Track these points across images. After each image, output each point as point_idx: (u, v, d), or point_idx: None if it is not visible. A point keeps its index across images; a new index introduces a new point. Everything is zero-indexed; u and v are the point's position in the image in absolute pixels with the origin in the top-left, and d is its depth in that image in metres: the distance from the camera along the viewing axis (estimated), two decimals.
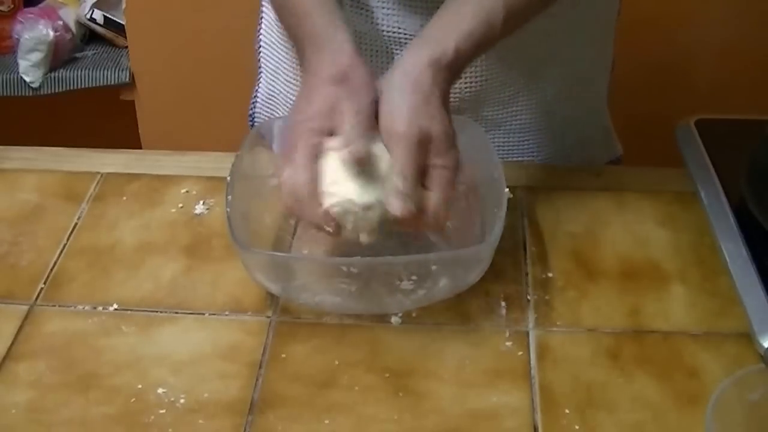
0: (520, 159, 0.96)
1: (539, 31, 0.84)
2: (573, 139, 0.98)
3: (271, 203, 0.82)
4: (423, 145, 0.69)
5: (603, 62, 1.00)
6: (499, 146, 0.94)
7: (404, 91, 0.70)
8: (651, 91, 1.73)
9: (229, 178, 0.77)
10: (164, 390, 0.70)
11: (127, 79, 1.85)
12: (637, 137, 1.19)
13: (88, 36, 1.93)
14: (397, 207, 0.68)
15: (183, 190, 0.91)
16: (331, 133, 0.70)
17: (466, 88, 0.89)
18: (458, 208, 0.83)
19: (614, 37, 0.99)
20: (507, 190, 0.77)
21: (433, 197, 0.69)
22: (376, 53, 0.88)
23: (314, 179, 0.69)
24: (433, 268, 0.73)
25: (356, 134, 0.69)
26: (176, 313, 0.77)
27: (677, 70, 1.76)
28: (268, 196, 0.81)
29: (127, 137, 1.83)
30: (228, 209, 0.74)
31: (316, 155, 0.70)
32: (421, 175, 0.69)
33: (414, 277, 0.73)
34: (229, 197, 0.75)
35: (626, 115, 1.15)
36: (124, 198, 0.90)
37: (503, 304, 0.77)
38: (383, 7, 0.86)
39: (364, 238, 0.71)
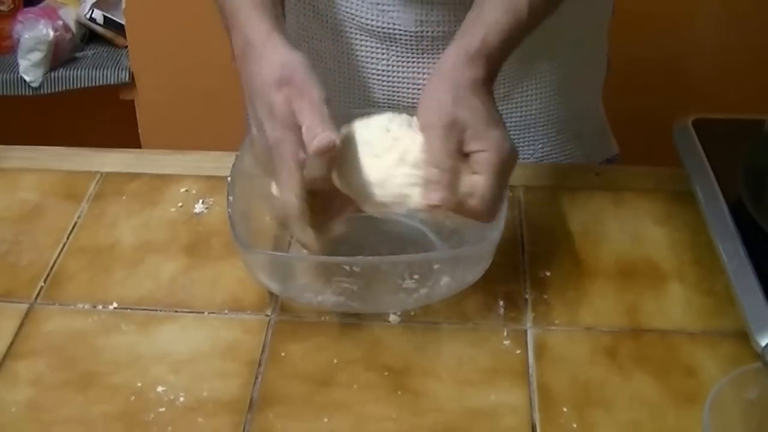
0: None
1: None
2: (569, 136, 0.98)
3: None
4: (454, 133, 0.68)
5: (597, 58, 1.00)
6: None
7: (433, 85, 0.71)
8: (649, 90, 1.74)
9: (229, 179, 0.78)
10: (164, 388, 0.70)
11: (127, 79, 1.85)
12: (635, 136, 1.19)
13: (88, 36, 1.93)
14: (427, 197, 0.68)
15: (182, 189, 0.91)
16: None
17: None
18: None
19: (609, 34, 0.99)
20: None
21: (478, 180, 0.68)
22: (371, 50, 0.89)
23: (301, 198, 0.68)
24: (435, 267, 0.74)
25: (319, 123, 0.68)
26: (176, 311, 0.77)
27: (675, 69, 1.76)
28: (268, 195, 0.81)
29: (127, 137, 1.83)
30: (229, 209, 0.74)
31: (300, 167, 0.69)
32: (456, 161, 0.68)
33: (416, 276, 0.74)
34: (230, 197, 0.76)
35: (624, 113, 1.16)
36: (124, 197, 0.90)
37: (501, 302, 0.77)
38: (379, 3, 0.87)
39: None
